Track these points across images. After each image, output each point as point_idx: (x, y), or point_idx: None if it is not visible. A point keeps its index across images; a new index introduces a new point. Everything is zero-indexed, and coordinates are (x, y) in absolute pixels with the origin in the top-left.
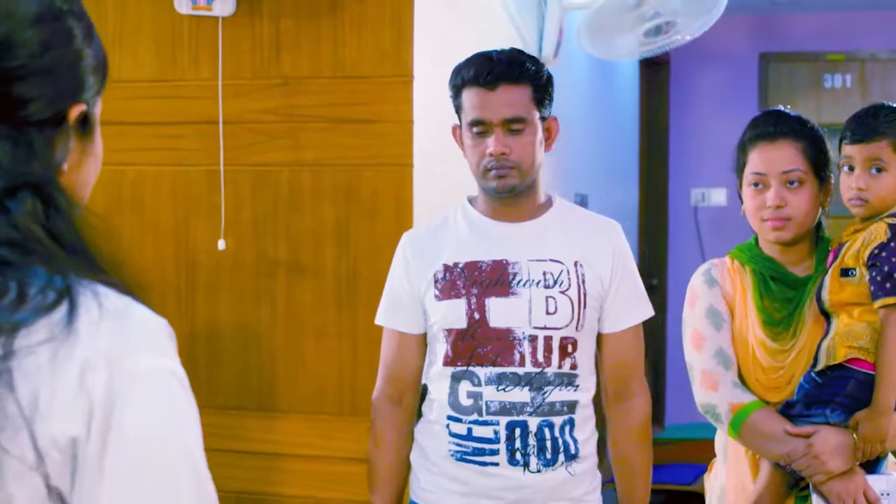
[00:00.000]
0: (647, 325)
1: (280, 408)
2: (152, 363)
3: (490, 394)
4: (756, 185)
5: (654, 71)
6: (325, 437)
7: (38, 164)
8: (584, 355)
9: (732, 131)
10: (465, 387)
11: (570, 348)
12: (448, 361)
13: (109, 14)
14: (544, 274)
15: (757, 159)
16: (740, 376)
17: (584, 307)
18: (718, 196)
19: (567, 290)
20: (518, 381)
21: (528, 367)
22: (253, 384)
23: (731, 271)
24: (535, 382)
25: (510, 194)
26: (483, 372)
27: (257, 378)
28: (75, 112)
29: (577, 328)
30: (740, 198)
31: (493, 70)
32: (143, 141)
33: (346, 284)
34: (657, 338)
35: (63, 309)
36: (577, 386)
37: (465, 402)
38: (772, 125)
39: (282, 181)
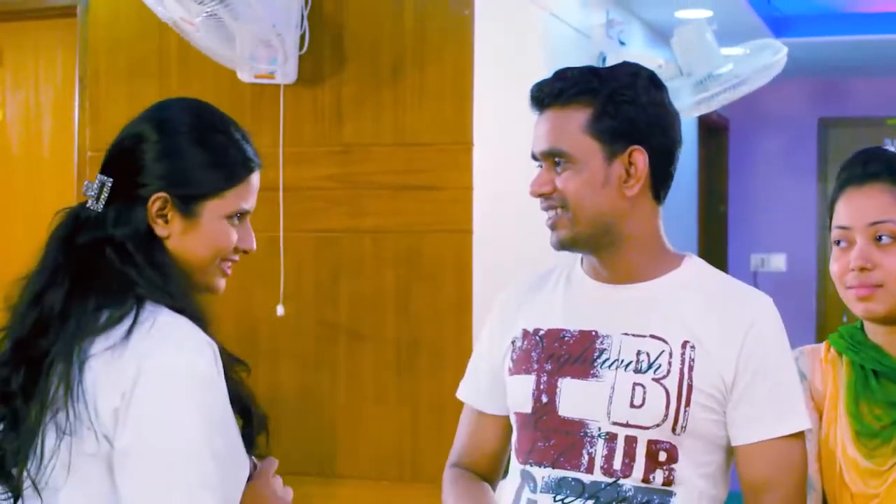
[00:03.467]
0: None
1: (341, 473)
2: (169, 363)
3: None
4: (839, 242)
5: (714, 135)
6: (385, 503)
7: (129, 229)
8: (692, 469)
9: (792, 196)
10: (525, 492)
11: (662, 457)
12: (516, 454)
13: (173, 81)
14: (638, 354)
15: (842, 210)
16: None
17: (688, 404)
18: (778, 261)
19: (664, 377)
20: (580, 491)
21: (597, 475)
22: (314, 450)
23: (823, 362)
24: (603, 496)
25: (570, 251)
26: (541, 474)
27: (318, 444)
28: (154, 197)
29: (674, 430)
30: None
31: (542, 88)
32: None
33: (406, 350)
34: None
35: (127, 325)
36: None
37: None
38: (860, 166)
39: (342, 247)
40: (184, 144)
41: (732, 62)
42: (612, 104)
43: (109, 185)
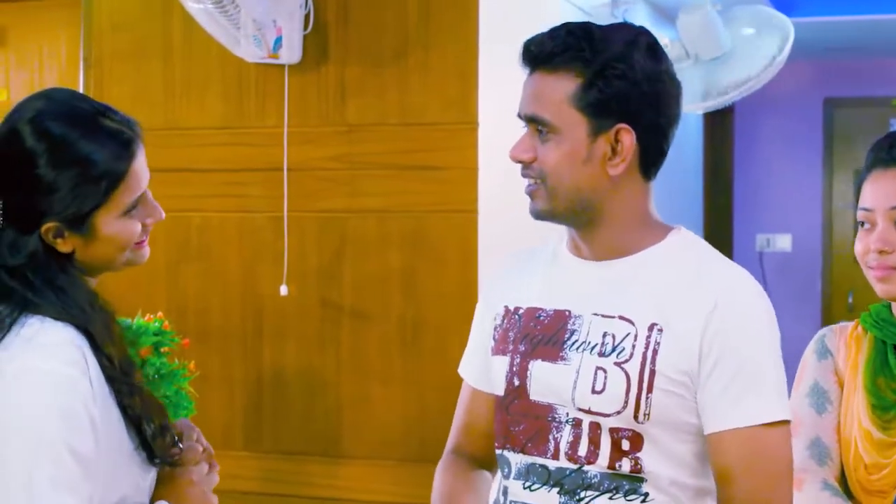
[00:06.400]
0: None
1: (345, 453)
2: (26, 364)
3: (516, 491)
4: (863, 223)
5: (719, 118)
6: (390, 484)
7: (24, 257)
8: (660, 458)
9: (797, 177)
10: (501, 479)
11: (626, 445)
12: (495, 439)
13: (177, 62)
14: (604, 336)
15: (867, 192)
16: (844, 476)
17: (650, 390)
18: (784, 242)
19: (626, 361)
20: (546, 478)
21: (562, 462)
22: (318, 430)
23: (849, 338)
24: (567, 483)
25: (548, 221)
26: (514, 459)
27: (322, 424)
28: (45, 228)
29: (636, 418)
30: None
31: (531, 47)
32: (209, 188)
33: (411, 330)
34: None
35: (1, 333)
36: (646, 497)
37: (500, 498)
38: (886, 149)
39: (347, 228)
40: (68, 161)
41: (739, 46)
42: (602, 77)
43: (0, 204)
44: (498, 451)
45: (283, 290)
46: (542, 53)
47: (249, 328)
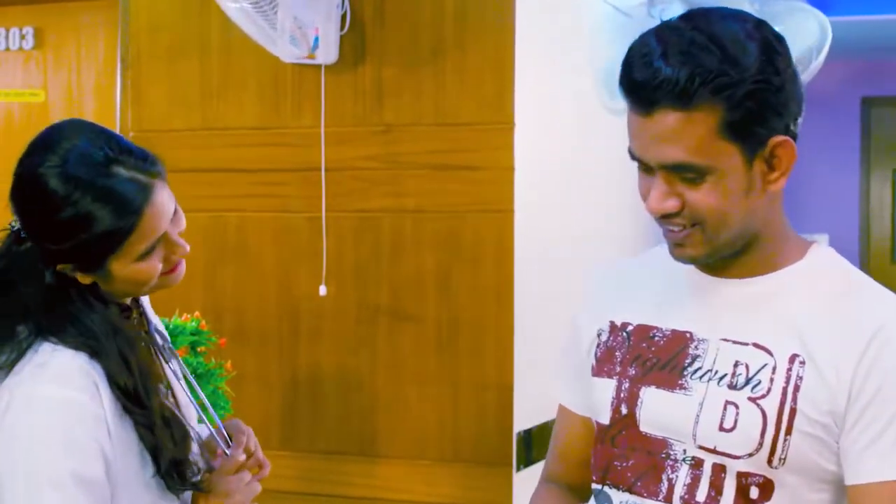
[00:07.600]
0: None
1: (381, 453)
2: (34, 391)
3: None
4: None
5: None
6: (425, 483)
7: (40, 291)
8: None
9: (834, 177)
10: None
11: (753, 493)
12: (593, 470)
13: (214, 63)
14: (736, 365)
15: None
16: None
17: (788, 431)
18: (820, 242)
19: (762, 396)
20: None
21: None
22: (354, 430)
23: None
24: None
25: (701, 264)
26: (617, 498)
27: (358, 423)
28: (60, 267)
29: (770, 462)
30: None
31: (646, 82)
32: (246, 188)
33: (447, 331)
34: None
35: (14, 356)
36: None
37: None
38: None
39: (383, 228)
40: (73, 219)
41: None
42: (749, 97)
43: (29, 244)
44: (596, 487)
45: (323, 290)
46: (675, 89)
47: (286, 328)
